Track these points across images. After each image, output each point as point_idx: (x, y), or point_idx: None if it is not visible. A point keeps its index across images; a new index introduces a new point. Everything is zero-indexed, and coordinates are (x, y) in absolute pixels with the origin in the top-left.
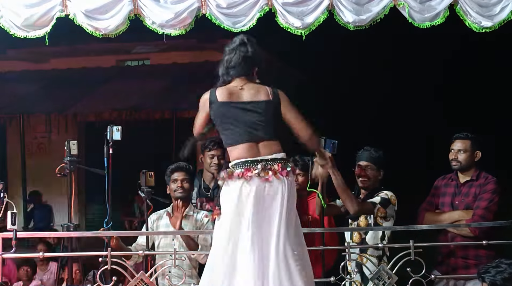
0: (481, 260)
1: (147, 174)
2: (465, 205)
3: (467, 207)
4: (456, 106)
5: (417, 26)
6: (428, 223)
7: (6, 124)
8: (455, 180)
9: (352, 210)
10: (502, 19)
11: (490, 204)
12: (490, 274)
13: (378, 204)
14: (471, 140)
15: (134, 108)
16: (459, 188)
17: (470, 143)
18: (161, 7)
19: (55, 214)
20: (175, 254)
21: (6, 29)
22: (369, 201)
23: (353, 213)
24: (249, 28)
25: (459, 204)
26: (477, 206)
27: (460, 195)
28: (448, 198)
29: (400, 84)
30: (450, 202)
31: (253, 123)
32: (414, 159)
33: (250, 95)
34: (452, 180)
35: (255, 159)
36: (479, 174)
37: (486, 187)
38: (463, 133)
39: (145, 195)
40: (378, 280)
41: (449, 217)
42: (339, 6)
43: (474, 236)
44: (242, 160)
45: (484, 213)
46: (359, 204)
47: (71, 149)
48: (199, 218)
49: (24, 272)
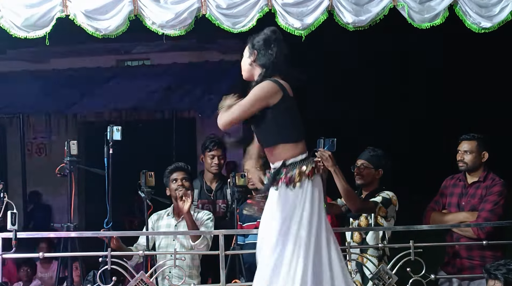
0: (486, 261)
1: (147, 174)
2: (471, 206)
3: (473, 208)
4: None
5: (417, 26)
6: (434, 222)
7: (6, 124)
8: (463, 180)
9: (353, 208)
10: (502, 19)
11: (495, 206)
12: (502, 271)
13: (379, 203)
14: (477, 141)
15: (134, 108)
16: (466, 188)
17: (476, 143)
18: (161, 8)
19: (55, 214)
20: (175, 254)
21: (6, 29)
22: (371, 200)
23: (355, 210)
24: (249, 28)
25: (465, 205)
26: (482, 208)
27: (466, 196)
28: (455, 199)
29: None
30: (457, 202)
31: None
32: (414, 159)
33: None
34: (460, 180)
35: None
36: (487, 175)
37: (493, 189)
38: (469, 134)
39: (145, 195)
40: (378, 280)
41: (453, 218)
42: (339, 6)
43: (478, 238)
44: (306, 154)
45: (489, 216)
46: (360, 202)
47: (71, 149)
48: (199, 217)
49: (24, 272)
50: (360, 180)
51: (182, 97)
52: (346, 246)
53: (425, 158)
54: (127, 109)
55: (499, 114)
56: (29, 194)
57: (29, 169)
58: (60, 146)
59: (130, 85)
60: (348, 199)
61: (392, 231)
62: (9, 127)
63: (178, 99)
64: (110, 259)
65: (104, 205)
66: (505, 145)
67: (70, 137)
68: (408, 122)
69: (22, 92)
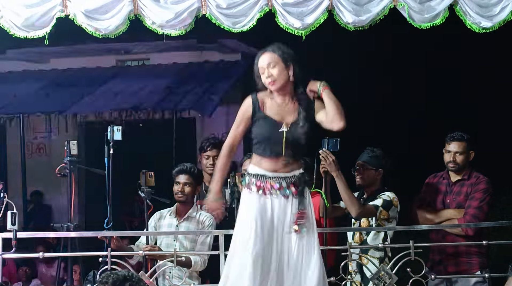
0: (471, 257)
1: (147, 174)
2: (457, 203)
3: (459, 205)
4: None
5: (417, 26)
6: (420, 220)
7: (6, 124)
8: (447, 178)
9: (354, 213)
10: (502, 19)
11: (481, 203)
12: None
13: (380, 207)
14: (466, 141)
15: (134, 108)
16: (451, 186)
17: (466, 144)
18: (161, 8)
19: (55, 214)
20: (175, 254)
21: (6, 29)
22: (371, 204)
23: (355, 216)
24: (249, 28)
25: (451, 202)
26: (468, 205)
27: (451, 194)
28: (440, 196)
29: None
30: (442, 200)
31: None
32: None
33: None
34: (443, 178)
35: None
36: (471, 173)
37: (478, 187)
38: (457, 134)
39: (145, 195)
40: (378, 281)
41: (440, 215)
42: (339, 6)
43: (466, 235)
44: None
45: (476, 213)
46: (361, 207)
47: (71, 149)
48: (201, 219)
49: (24, 272)
50: (361, 181)
51: (182, 97)
52: (347, 246)
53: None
54: (127, 109)
55: (473, 113)
56: (31, 194)
57: (29, 169)
58: (60, 146)
59: (130, 85)
60: (350, 204)
61: (394, 233)
62: (9, 127)
63: (178, 99)
64: (110, 259)
65: (104, 205)
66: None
67: (70, 137)
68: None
69: (22, 92)
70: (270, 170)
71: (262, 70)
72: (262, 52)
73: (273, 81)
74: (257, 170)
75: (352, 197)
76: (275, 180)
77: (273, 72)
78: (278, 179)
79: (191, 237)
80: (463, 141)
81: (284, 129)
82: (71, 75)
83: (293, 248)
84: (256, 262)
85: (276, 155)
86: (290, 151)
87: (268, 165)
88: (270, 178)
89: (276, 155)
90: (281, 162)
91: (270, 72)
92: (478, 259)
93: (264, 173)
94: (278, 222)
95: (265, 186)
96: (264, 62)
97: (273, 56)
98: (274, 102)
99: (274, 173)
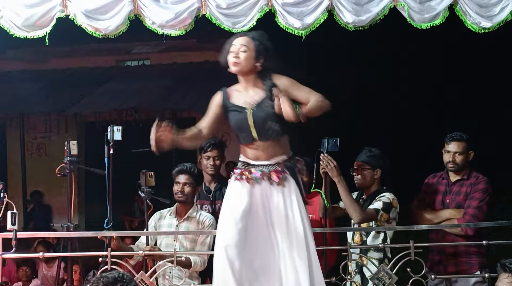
0: (471, 257)
1: (147, 174)
2: (456, 203)
3: (458, 205)
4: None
5: (417, 26)
6: (420, 220)
7: (6, 124)
8: (446, 178)
9: (356, 220)
10: (502, 19)
11: (481, 203)
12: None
13: (381, 210)
14: (466, 142)
15: (134, 108)
16: (450, 186)
17: (465, 144)
18: (161, 8)
19: (55, 214)
20: (175, 254)
21: (6, 29)
22: (371, 207)
23: (357, 222)
24: (249, 28)
25: (450, 202)
26: (468, 205)
27: (451, 194)
28: (440, 196)
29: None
30: (441, 200)
31: None
32: (414, 159)
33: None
34: (443, 178)
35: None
36: (470, 173)
37: (477, 187)
38: (457, 134)
39: (145, 195)
40: (378, 281)
41: (440, 215)
42: (339, 6)
43: (465, 235)
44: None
45: (476, 212)
46: (362, 213)
47: (71, 149)
48: (201, 219)
49: (24, 272)
50: (359, 181)
51: (182, 97)
52: (347, 246)
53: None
54: (127, 109)
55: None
56: (31, 193)
57: (29, 169)
58: (60, 146)
59: (130, 85)
60: (352, 211)
61: (394, 233)
62: (9, 127)
63: (178, 99)
64: (110, 259)
65: (104, 205)
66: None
67: (70, 137)
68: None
69: (22, 92)
70: (253, 158)
71: (233, 48)
72: (242, 35)
73: (237, 63)
74: (243, 158)
75: (354, 202)
76: (257, 168)
77: (241, 55)
78: (261, 167)
79: (191, 237)
80: (462, 141)
81: (249, 111)
82: (71, 75)
83: (280, 235)
84: (232, 249)
85: (251, 140)
86: (262, 133)
87: (250, 153)
88: (253, 166)
89: (252, 140)
90: (259, 148)
91: (238, 54)
92: (477, 259)
93: (248, 161)
94: (263, 209)
95: (248, 174)
96: (238, 43)
97: (249, 43)
98: (240, 92)
99: (257, 161)
